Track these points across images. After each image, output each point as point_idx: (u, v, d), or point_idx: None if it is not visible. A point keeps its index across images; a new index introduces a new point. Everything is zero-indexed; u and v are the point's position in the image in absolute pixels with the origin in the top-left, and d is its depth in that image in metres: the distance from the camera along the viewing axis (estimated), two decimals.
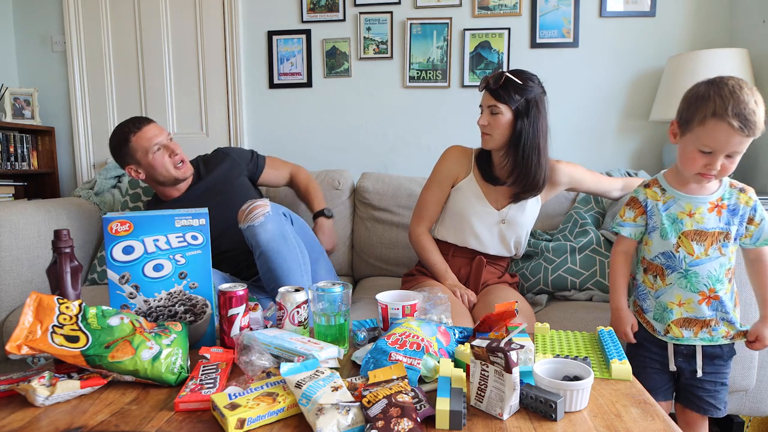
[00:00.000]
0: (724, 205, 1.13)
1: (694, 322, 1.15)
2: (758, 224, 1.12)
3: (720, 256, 1.12)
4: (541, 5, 2.35)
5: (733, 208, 1.13)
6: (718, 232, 1.12)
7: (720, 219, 1.13)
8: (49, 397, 0.78)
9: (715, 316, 1.15)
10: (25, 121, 2.64)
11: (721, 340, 1.16)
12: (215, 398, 0.74)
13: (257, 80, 2.56)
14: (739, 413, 1.54)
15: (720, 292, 1.13)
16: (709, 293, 1.13)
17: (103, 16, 2.64)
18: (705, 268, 1.13)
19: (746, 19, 2.16)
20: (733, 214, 1.13)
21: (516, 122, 1.45)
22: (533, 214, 1.61)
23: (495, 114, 1.45)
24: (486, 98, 1.48)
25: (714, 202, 1.13)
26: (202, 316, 1.04)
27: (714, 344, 1.16)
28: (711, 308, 1.14)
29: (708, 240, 1.13)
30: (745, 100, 1.01)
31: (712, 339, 1.16)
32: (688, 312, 1.15)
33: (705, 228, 1.13)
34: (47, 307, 0.85)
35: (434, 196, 1.62)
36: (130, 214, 0.98)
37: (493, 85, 1.44)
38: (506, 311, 0.98)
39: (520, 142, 1.46)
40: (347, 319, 1.03)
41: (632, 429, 0.71)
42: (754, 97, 1.02)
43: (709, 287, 1.13)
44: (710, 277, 1.13)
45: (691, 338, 1.16)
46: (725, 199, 1.13)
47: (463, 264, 1.62)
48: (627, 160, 2.40)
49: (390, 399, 0.70)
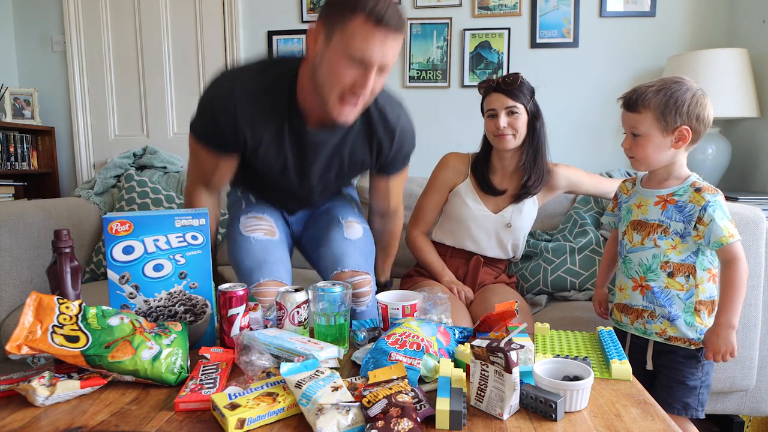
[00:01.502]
0: (672, 201, 1.14)
1: (630, 310, 1.21)
2: (707, 224, 1.08)
3: (653, 247, 1.15)
4: (541, 5, 2.35)
5: (682, 205, 1.13)
6: (656, 224, 1.15)
7: (663, 213, 1.14)
8: (49, 397, 0.78)
9: (651, 308, 1.16)
10: (25, 121, 2.64)
11: (654, 336, 1.17)
12: (215, 398, 0.74)
13: None
14: (739, 413, 1.54)
15: (652, 283, 1.15)
16: (640, 281, 1.18)
17: (103, 16, 2.65)
18: (637, 256, 1.18)
19: (746, 19, 2.16)
20: (679, 211, 1.13)
21: (532, 121, 1.50)
22: (531, 217, 1.61)
23: (514, 114, 1.46)
24: (500, 100, 1.47)
25: (662, 197, 1.15)
26: (202, 316, 1.04)
27: (661, 341, 1.17)
28: (645, 299, 1.17)
29: (646, 230, 1.17)
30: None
31: (645, 332, 1.19)
32: (626, 299, 1.22)
33: (646, 219, 1.17)
34: (47, 307, 0.85)
35: (431, 202, 1.64)
36: (130, 214, 0.98)
37: (509, 86, 1.46)
38: (506, 311, 0.98)
39: (539, 141, 1.52)
40: (347, 319, 1.03)
41: (632, 429, 0.71)
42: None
43: (640, 275, 1.18)
44: (641, 266, 1.17)
45: (627, 325, 1.22)
46: (676, 195, 1.14)
47: (460, 264, 1.63)
48: (626, 160, 2.40)
49: (390, 399, 0.70)
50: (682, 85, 1.11)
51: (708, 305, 1.14)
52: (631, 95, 1.14)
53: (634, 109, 1.13)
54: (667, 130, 1.11)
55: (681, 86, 1.10)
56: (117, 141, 2.73)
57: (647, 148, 1.14)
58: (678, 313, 1.14)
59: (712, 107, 1.12)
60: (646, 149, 1.14)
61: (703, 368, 1.16)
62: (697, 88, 1.11)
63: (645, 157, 1.15)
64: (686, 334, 1.14)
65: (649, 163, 1.16)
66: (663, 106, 1.10)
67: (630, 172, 2.02)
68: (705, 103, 1.10)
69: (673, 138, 1.12)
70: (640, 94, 1.12)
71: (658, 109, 1.10)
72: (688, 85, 1.11)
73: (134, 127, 2.72)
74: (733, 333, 1.09)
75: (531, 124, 1.50)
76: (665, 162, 1.15)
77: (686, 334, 1.14)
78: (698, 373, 1.16)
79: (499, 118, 1.47)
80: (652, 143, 1.13)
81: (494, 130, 1.49)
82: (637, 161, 1.17)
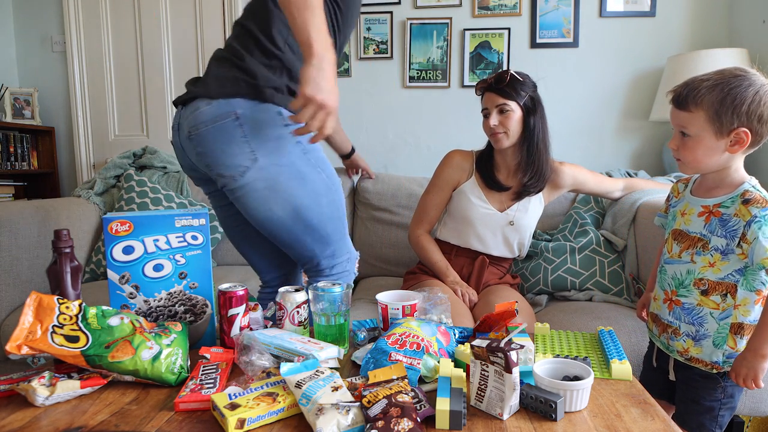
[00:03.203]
0: (717, 213, 1.00)
1: (659, 322, 1.12)
2: (750, 243, 0.95)
3: (689, 262, 1.04)
4: (541, 5, 2.35)
5: (726, 218, 0.98)
6: (697, 237, 1.03)
7: (706, 225, 1.02)
8: (49, 397, 0.78)
9: (676, 325, 1.06)
10: (25, 121, 2.64)
11: (675, 354, 1.08)
12: (215, 398, 0.74)
13: None
14: (739, 413, 1.54)
15: (683, 299, 1.05)
16: (671, 295, 1.07)
17: (103, 16, 2.65)
18: (672, 269, 1.08)
19: (746, 19, 2.16)
20: (722, 225, 0.99)
21: (527, 118, 1.48)
22: (536, 215, 1.61)
23: (505, 112, 1.46)
24: (492, 99, 1.48)
25: (708, 207, 1.02)
26: (202, 316, 1.04)
27: (681, 360, 1.09)
28: (672, 314, 1.07)
29: (686, 243, 1.05)
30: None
31: (668, 348, 1.10)
32: (657, 309, 1.13)
33: (687, 230, 1.05)
34: (47, 307, 0.85)
35: (435, 200, 1.63)
36: (130, 214, 0.98)
37: (499, 83, 1.45)
38: (506, 311, 0.98)
39: (534, 137, 1.49)
40: (347, 319, 1.03)
41: (632, 429, 0.71)
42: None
43: (671, 289, 1.07)
44: (674, 279, 1.07)
45: (655, 336, 1.15)
46: (723, 206, 1.00)
47: (465, 264, 1.62)
48: (627, 160, 2.40)
49: (390, 399, 0.70)
50: (744, 79, 0.94)
51: (750, 330, 1.00)
52: (682, 90, 0.99)
53: (684, 107, 0.99)
54: (722, 133, 0.96)
55: (742, 81, 0.94)
56: (117, 141, 2.73)
57: (697, 151, 0.99)
58: (708, 333, 1.02)
59: None
60: (696, 152, 0.99)
61: (725, 390, 1.04)
62: (762, 83, 0.94)
63: (694, 160, 1.00)
64: (710, 357, 1.03)
65: (698, 167, 1.02)
66: (718, 105, 0.94)
67: (631, 173, 2.02)
68: None
69: (728, 141, 0.96)
70: (692, 90, 0.97)
71: (713, 108, 0.95)
72: (751, 79, 0.94)
73: (134, 127, 2.72)
74: (763, 362, 0.96)
75: (525, 121, 1.48)
76: (717, 167, 1.01)
77: (710, 356, 1.03)
78: (717, 393, 1.05)
79: (491, 117, 1.47)
80: (702, 146, 0.98)
81: (488, 130, 1.49)
82: (685, 164, 1.03)
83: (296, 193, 1.14)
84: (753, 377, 0.97)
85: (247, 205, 1.13)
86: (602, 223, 1.83)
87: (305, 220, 1.17)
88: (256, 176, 1.09)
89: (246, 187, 1.10)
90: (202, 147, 1.09)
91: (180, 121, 1.15)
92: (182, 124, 1.13)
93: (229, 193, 1.13)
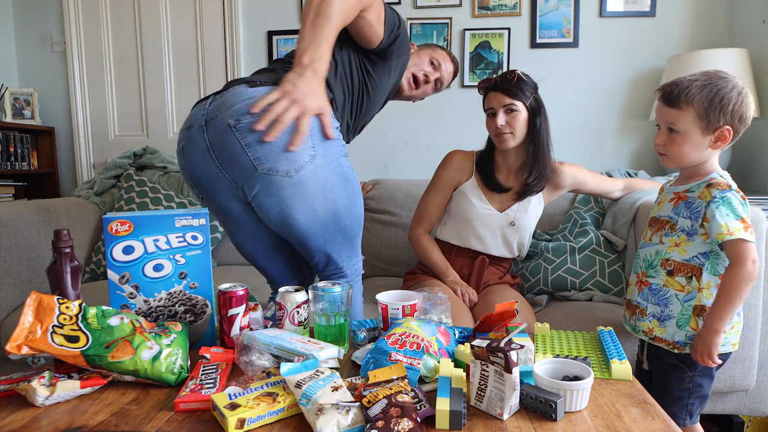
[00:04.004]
0: (684, 197, 1.08)
1: (632, 306, 1.18)
2: (709, 220, 1.01)
3: (658, 243, 1.12)
4: (541, 5, 2.35)
5: (691, 200, 1.06)
6: (665, 220, 1.11)
7: (674, 209, 1.10)
8: (49, 397, 0.78)
9: (644, 305, 1.13)
10: (25, 121, 2.64)
11: (641, 335, 1.14)
12: (215, 398, 0.74)
13: None
14: (739, 413, 1.54)
15: (651, 280, 1.12)
16: (642, 276, 1.15)
17: (103, 16, 2.65)
18: (644, 252, 1.15)
19: (746, 19, 2.16)
20: (687, 207, 1.07)
21: (532, 119, 1.49)
22: (536, 215, 1.61)
23: (512, 112, 1.46)
24: (498, 98, 1.47)
25: (678, 193, 1.10)
26: (202, 316, 1.04)
27: (647, 340, 1.14)
28: (641, 295, 1.14)
29: (656, 226, 1.14)
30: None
31: (634, 329, 1.16)
32: (630, 294, 1.19)
33: (659, 215, 1.14)
34: (47, 307, 0.85)
35: (435, 201, 1.63)
36: (130, 214, 0.98)
37: (507, 84, 1.45)
38: (506, 311, 0.98)
39: (539, 138, 1.50)
40: (347, 319, 1.03)
41: (632, 429, 0.71)
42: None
43: (642, 270, 1.14)
44: (645, 261, 1.14)
45: (626, 320, 1.20)
46: (690, 191, 1.08)
47: (465, 264, 1.62)
48: (627, 160, 2.40)
49: (390, 399, 0.70)
50: (728, 81, 1.02)
51: (701, 311, 1.07)
52: (673, 89, 1.05)
53: (675, 105, 1.04)
54: (708, 129, 1.03)
55: (727, 83, 1.02)
56: (117, 141, 2.73)
57: (684, 146, 1.05)
58: (672, 314, 1.09)
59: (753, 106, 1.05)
60: (683, 147, 1.06)
61: (693, 379, 1.10)
62: (742, 86, 1.03)
63: (680, 155, 1.07)
64: (672, 337, 1.09)
65: (682, 162, 1.09)
66: (707, 104, 1.01)
67: (630, 173, 2.02)
68: (749, 102, 1.03)
69: (712, 138, 1.04)
70: (683, 89, 1.03)
71: (702, 106, 1.01)
72: (734, 82, 1.03)
73: (134, 127, 2.72)
74: (716, 338, 1.02)
75: (531, 121, 1.49)
76: (698, 161, 1.08)
77: (673, 336, 1.09)
78: (685, 383, 1.10)
79: (498, 116, 1.47)
80: (689, 142, 1.05)
81: (493, 129, 1.49)
82: (669, 159, 1.09)
83: (340, 194, 1.13)
84: (707, 353, 1.03)
85: (290, 204, 1.07)
86: (602, 223, 1.83)
87: (341, 220, 1.16)
88: (311, 173, 1.06)
89: (298, 184, 1.06)
90: (258, 134, 1.02)
91: (217, 113, 1.06)
92: (221, 116, 1.05)
93: (269, 190, 1.06)
